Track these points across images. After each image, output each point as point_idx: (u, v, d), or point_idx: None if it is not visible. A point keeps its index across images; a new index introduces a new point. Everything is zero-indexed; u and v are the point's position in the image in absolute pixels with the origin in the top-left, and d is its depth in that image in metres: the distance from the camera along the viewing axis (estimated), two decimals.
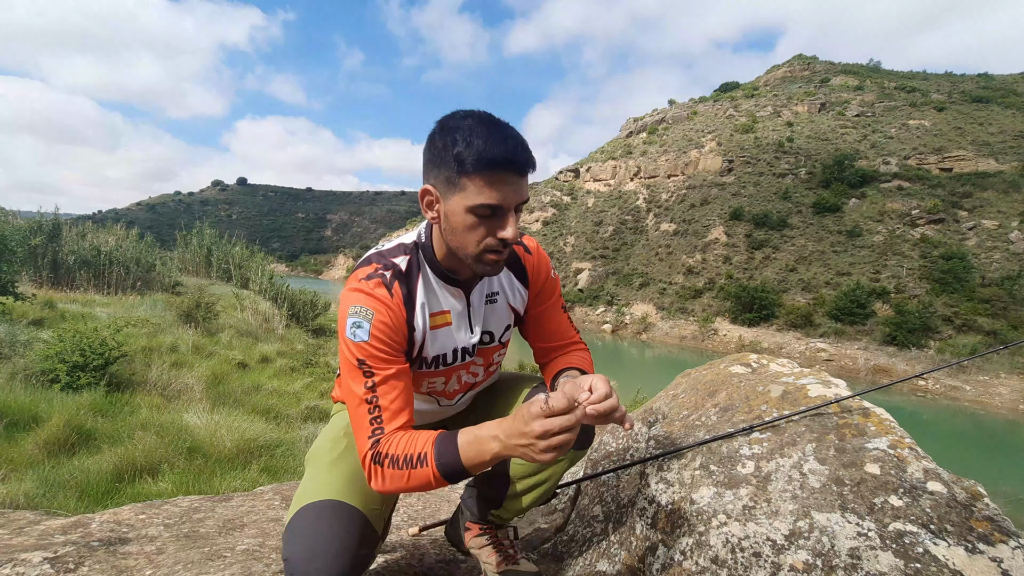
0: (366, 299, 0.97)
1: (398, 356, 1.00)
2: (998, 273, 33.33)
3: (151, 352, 5.28)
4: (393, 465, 0.91)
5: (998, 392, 25.43)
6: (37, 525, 1.78)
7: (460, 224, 0.93)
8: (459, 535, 1.42)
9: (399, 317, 1.00)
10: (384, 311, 0.97)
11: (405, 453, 0.90)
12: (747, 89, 79.57)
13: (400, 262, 1.04)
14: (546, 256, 1.24)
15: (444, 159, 0.90)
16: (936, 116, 54.53)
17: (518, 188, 0.91)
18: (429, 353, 1.09)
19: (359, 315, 0.96)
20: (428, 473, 0.88)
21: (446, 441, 0.89)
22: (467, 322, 1.12)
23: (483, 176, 0.88)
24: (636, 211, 57.49)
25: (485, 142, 0.86)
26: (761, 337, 34.56)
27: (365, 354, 0.96)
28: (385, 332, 0.97)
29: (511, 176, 0.89)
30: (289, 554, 0.95)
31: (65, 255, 8.49)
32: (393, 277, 1.01)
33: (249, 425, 3.72)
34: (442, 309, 1.08)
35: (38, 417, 3.20)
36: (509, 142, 0.88)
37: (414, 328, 1.04)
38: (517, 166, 0.89)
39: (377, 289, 0.99)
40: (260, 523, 1.88)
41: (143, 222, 40.35)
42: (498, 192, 0.89)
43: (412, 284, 1.04)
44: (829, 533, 1.04)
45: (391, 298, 0.99)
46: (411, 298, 1.03)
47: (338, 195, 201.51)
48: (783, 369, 1.59)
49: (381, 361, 0.96)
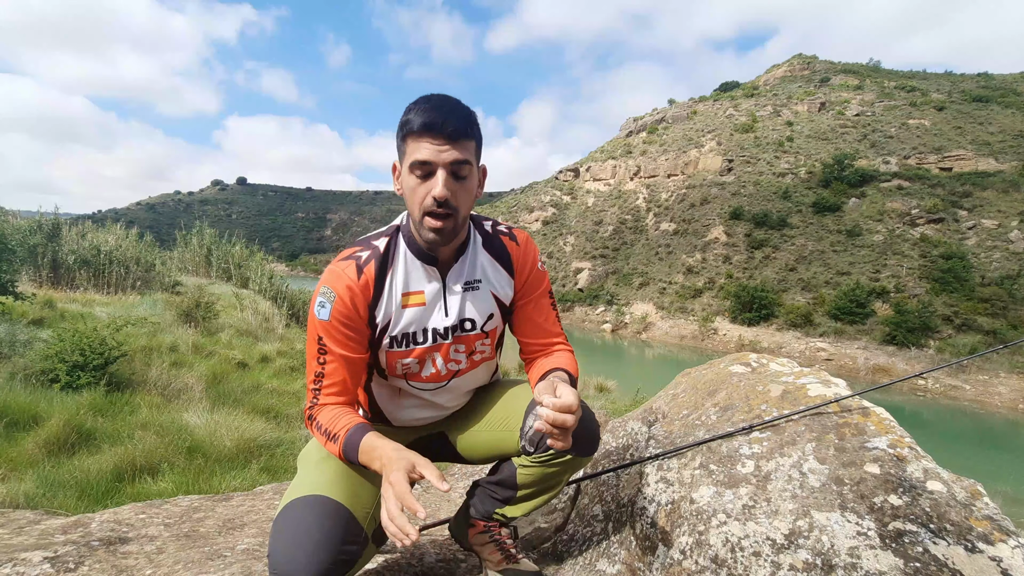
0: (334, 281, 1.09)
1: (353, 342, 1.11)
2: (998, 272, 33.35)
3: (151, 352, 5.27)
4: (318, 430, 1.10)
5: (998, 391, 25.45)
6: (37, 525, 1.78)
7: (407, 187, 1.06)
8: (463, 531, 1.42)
9: (360, 300, 1.10)
10: (347, 294, 1.09)
11: (327, 427, 1.08)
12: (747, 89, 79.58)
13: (380, 244, 1.15)
14: (534, 248, 1.28)
15: (398, 135, 1.07)
16: (936, 116, 54.54)
17: (446, 149, 1.01)
18: (395, 330, 1.14)
19: (324, 295, 1.09)
20: (336, 449, 1.06)
21: (355, 435, 1.04)
22: (443, 304, 1.17)
23: (414, 137, 1.02)
24: (636, 211, 57.50)
25: (418, 111, 1.01)
26: (761, 336, 34.58)
27: (324, 331, 1.09)
28: (344, 314, 1.09)
29: (436, 137, 1.00)
30: (272, 548, 0.95)
31: (65, 254, 8.48)
32: (369, 258, 1.12)
33: (249, 424, 3.71)
34: (416, 289, 1.15)
35: (38, 417, 3.20)
36: (436, 111, 1.01)
37: (377, 306, 1.12)
38: (439, 128, 1.00)
39: (347, 270, 1.10)
40: (260, 523, 1.88)
41: (143, 221, 40.45)
42: (425, 150, 1.01)
43: (388, 263, 1.14)
44: (829, 532, 1.04)
45: (358, 281, 1.10)
46: (382, 277, 1.13)
47: (338, 195, 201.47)
48: (783, 368, 1.59)
49: (335, 342, 1.09)
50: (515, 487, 1.26)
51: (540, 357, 1.27)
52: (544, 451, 1.18)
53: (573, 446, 1.12)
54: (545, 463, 1.20)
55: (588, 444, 1.18)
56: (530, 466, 1.22)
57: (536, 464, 1.21)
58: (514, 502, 1.29)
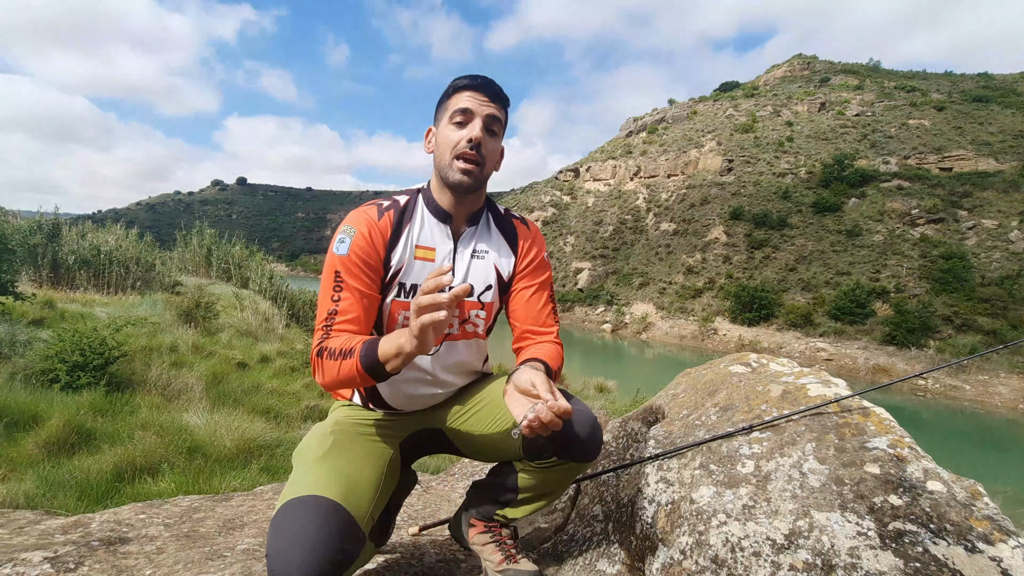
0: (355, 218, 1.16)
1: (370, 277, 1.14)
2: (998, 273, 33.34)
3: (151, 352, 5.27)
4: (330, 356, 1.06)
5: (998, 391, 25.45)
6: (37, 525, 1.78)
7: (443, 137, 1.16)
8: (463, 531, 1.42)
9: (380, 238, 1.15)
10: (367, 229, 1.14)
11: (340, 347, 1.05)
12: (747, 89, 79.58)
13: (401, 199, 1.23)
14: (543, 239, 1.35)
15: (441, 99, 1.19)
16: (936, 116, 54.52)
17: (484, 103, 1.15)
18: (407, 280, 1.19)
19: (345, 231, 1.14)
20: (353, 364, 1.03)
21: (372, 340, 1.04)
22: (451, 264, 1.22)
23: (459, 92, 1.16)
24: (636, 211, 57.49)
25: (468, 77, 1.17)
26: (761, 337, 34.57)
27: (342, 266, 1.12)
28: (363, 248, 1.13)
29: (478, 94, 1.15)
30: (270, 549, 0.95)
31: (65, 255, 8.48)
32: (390, 207, 1.20)
33: (249, 425, 3.71)
34: (429, 245, 1.21)
35: (38, 417, 3.20)
36: (483, 77, 1.16)
37: (393, 250, 1.17)
38: (483, 87, 1.15)
39: (369, 211, 1.18)
40: (260, 523, 1.88)
41: (143, 222, 40.50)
42: (468, 100, 1.14)
43: (406, 216, 1.21)
44: (829, 532, 1.04)
45: (378, 220, 1.16)
46: (400, 225, 1.19)
47: (338, 195, 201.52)
48: (783, 369, 1.59)
49: (352, 276, 1.12)
50: (516, 490, 1.27)
51: (529, 345, 1.28)
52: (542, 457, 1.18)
53: (576, 452, 1.15)
54: (546, 468, 1.21)
55: (590, 449, 1.17)
56: (531, 471, 1.23)
57: (537, 469, 1.22)
58: (514, 504, 1.30)
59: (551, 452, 1.17)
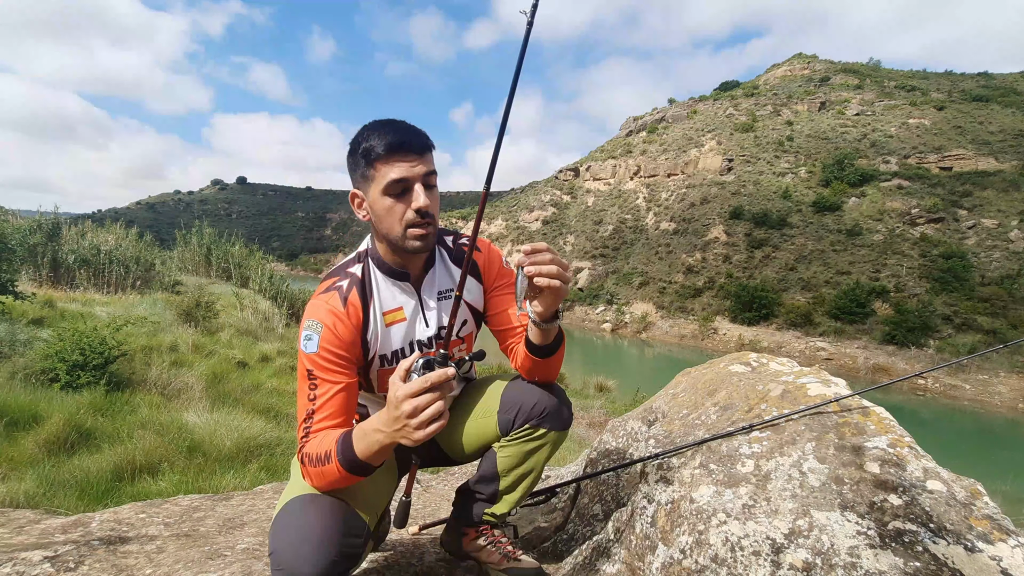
0: (320, 313, 1.10)
1: (344, 369, 1.09)
2: (998, 272, 33.34)
3: (151, 351, 5.27)
4: (311, 463, 1.02)
5: (997, 391, 25.46)
6: (37, 524, 1.78)
7: (382, 209, 1.09)
8: (456, 542, 1.43)
9: (350, 327, 1.11)
10: (333, 324, 1.09)
11: (316, 452, 1.01)
12: (747, 88, 79.57)
13: (355, 270, 1.18)
14: (497, 251, 1.35)
15: (357, 161, 1.09)
16: (936, 115, 54.50)
17: (416, 164, 1.07)
18: (387, 350, 1.19)
19: (310, 328, 1.09)
20: (333, 468, 0.99)
21: (345, 438, 0.99)
22: (421, 316, 1.22)
23: (384, 160, 1.06)
24: (636, 210, 57.47)
25: (380, 135, 1.06)
26: (761, 336, 34.57)
27: (313, 364, 1.07)
28: (333, 343, 1.08)
29: (407, 155, 1.06)
30: (275, 547, 0.95)
31: (65, 254, 8.48)
32: (350, 286, 1.14)
33: (249, 424, 3.71)
34: (395, 307, 1.20)
35: (38, 416, 3.20)
36: (399, 131, 1.07)
37: (367, 329, 1.15)
38: (408, 146, 1.06)
39: (331, 301, 1.12)
40: (260, 522, 1.88)
41: (143, 221, 40.41)
42: (398, 168, 1.06)
43: (367, 287, 1.17)
44: (829, 532, 1.04)
45: (343, 309, 1.11)
46: (366, 301, 1.15)
47: (338, 194, 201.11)
48: (783, 368, 1.59)
49: (326, 371, 1.07)
50: (496, 476, 1.29)
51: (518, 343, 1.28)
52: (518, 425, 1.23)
53: (545, 419, 1.22)
54: (523, 440, 1.25)
55: (562, 416, 1.24)
56: (508, 446, 1.26)
57: (514, 442, 1.26)
58: (499, 497, 1.32)
59: (523, 420, 1.22)
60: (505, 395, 1.26)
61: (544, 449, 1.27)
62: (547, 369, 1.22)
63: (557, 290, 1.02)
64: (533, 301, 1.08)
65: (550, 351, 1.17)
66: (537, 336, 1.14)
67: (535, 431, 1.24)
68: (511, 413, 1.23)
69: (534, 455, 1.27)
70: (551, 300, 1.06)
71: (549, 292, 1.03)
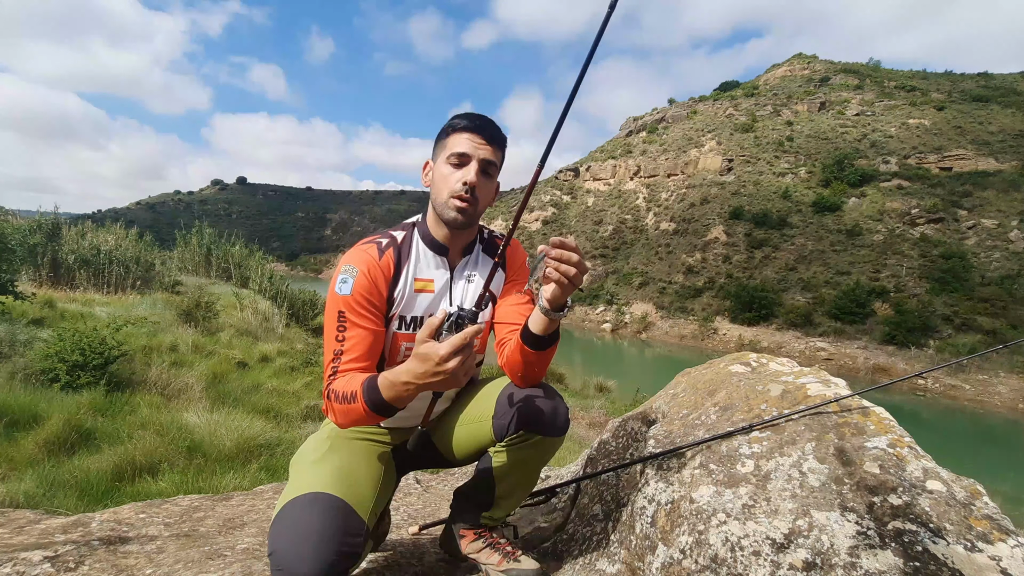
0: (356, 257, 1.18)
1: (373, 315, 1.16)
2: (997, 272, 33.35)
3: (151, 351, 5.27)
4: (338, 400, 1.09)
5: (997, 391, 25.45)
6: (37, 524, 1.78)
7: (440, 175, 1.20)
8: (454, 544, 1.43)
9: (381, 276, 1.18)
10: (368, 269, 1.16)
11: (343, 391, 1.08)
12: (747, 88, 79.57)
13: (398, 235, 1.26)
14: (523, 251, 1.40)
15: (440, 136, 1.23)
16: (936, 115, 54.51)
17: (481, 146, 1.18)
18: (408, 313, 1.23)
19: (346, 272, 1.16)
20: (359, 408, 1.06)
21: (371, 380, 1.06)
22: (448, 293, 1.27)
23: (457, 133, 1.19)
24: (636, 210, 57.49)
25: (466, 117, 1.21)
26: (761, 336, 34.57)
27: (346, 306, 1.14)
28: (365, 287, 1.15)
29: (476, 136, 1.18)
30: (275, 547, 0.95)
31: (65, 254, 8.48)
32: (388, 244, 1.22)
33: (249, 424, 3.71)
34: (427, 277, 1.25)
35: (38, 416, 3.20)
36: (480, 118, 1.20)
37: (396, 287, 1.21)
38: (480, 130, 1.19)
39: (370, 251, 1.19)
40: (260, 522, 1.88)
41: (143, 221, 40.39)
42: (465, 144, 1.18)
43: (404, 251, 1.24)
44: (828, 532, 1.04)
45: (379, 260, 1.19)
46: (400, 262, 1.22)
47: (338, 194, 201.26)
48: (783, 368, 1.59)
49: (356, 315, 1.14)
50: (492, 481, 1.30)
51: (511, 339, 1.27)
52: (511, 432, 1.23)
53: (540, 426, 1.22)
54: (517, 445, 1.24)
55: (557, 423, 1.24)
56: (502, 451, 1.26)
57: (509, 448, 1.25)
58: (495, 501, 1.33)
59: (517, 426, 1.22)
60: (500, 400, 1.25)
61: (539, 455, 1.26)
62: (534, 366, 1.21)
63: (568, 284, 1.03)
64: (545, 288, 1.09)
65: (545, 344, 1.16)
66: (539, 324, 1.13)
67: (530, 437, 1.23)
68: (505, 419, 1.23)
69: (529, 461, 1.27)
70: (563, 291, 1.06)
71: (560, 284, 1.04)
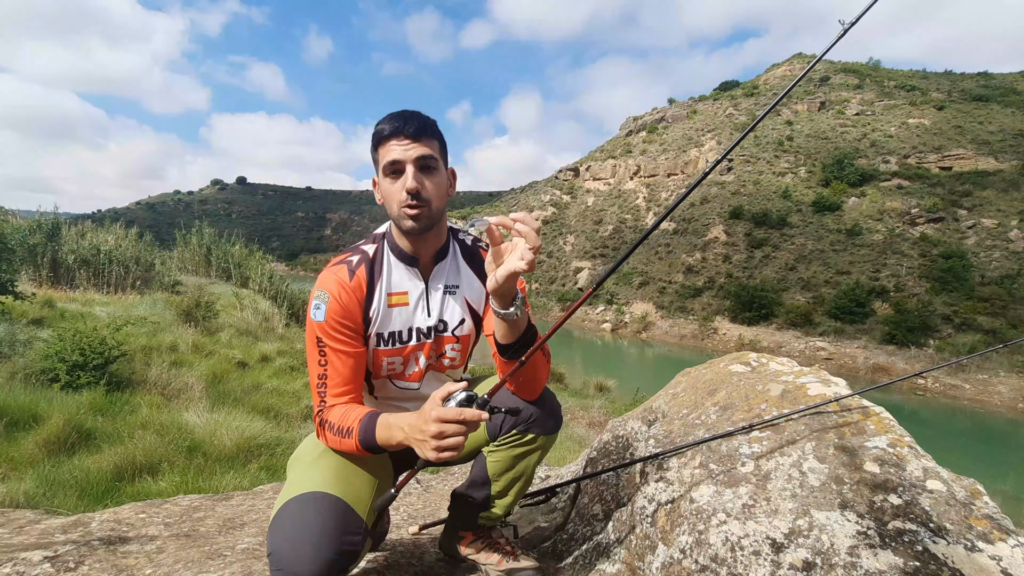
0: (327, 281, 1.16)
1: (350, 338, 1.16)
2: (997, 272, 33.33)
3: (151, 351, 5.27)
4: (332, 431, 1.11)
5: (997, 391, 25.44)
6: (37, 524, 1.78)
7: (385, 191, 1.15)
8: (453, 545, 1.43)
9: (353, 299, 1.16)
10: (340, 294, 1.15)
11: (339, 424, 1.10)
12: (747, 88, 79.49)
13: (368, 249, 1.23)
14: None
15: (372, 150, 1.17)
16: (936, 115, 54.47)
17: (410, 147, 1.12)
18: (385, 329, 1.21)
19: (319, 298, 1.15)
20: (353, 444, 1.08)
21: (369, 421, 1.07)
22: (425, 304, 1.24)
23: (383, 144, 1.13)
24: (636, 210, 57.48)
25: (384, 122, 1.13)
26: (761, 336, 34.55)
27: (321, 331, 1.14)
28: (338, 312, 1.14)
29: (401, 139, 1.11)
30: (274, 547, 0.96)
31: (64, 254, 8.47)
32: (359, 262, 1.19)
33: (249, 424, 3.71)
34: (401, 290, 1.23)
35: (38, 416, 3.19)
36: (398, 118, 1.12)
37: (370, 306, 1.19)
38: (402, 131, 1.11)
39: (340, 273, 1.17)
40: (260, 522, 1.88)
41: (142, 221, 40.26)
42: (393, 151, 1.11)
43: (376, 267, 1.21)
44: (829, 531, 1.04)
45: (350, 281, 1.16)
46: (372, 279, 1.20)
47: (338, 194, 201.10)
48: (783, 368, 1.59)
49: (333, 339, 1.14)
50: (487, 481, 1.30)
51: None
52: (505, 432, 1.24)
53: (533, 424, 1.22)
54: (511, 444, 1.25)
55: (550, 421, 1.24)
56: (497, 450, 1.27)
57: (502, 447, 1.26)
58: (492, 501, 1.33)
59: (512, 424, 1.23)
60: (493, 399, 1.25)
61: (533, 454, 1.27)
62: (524, 379, 1.16)
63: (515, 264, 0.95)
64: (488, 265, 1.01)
65: (517, 350, 1.10)
66: (500, 330, 1.09)
67: (523, 436, 1.24)
68: (498, 418, 1.23)
69: (523, 460, 1.27)
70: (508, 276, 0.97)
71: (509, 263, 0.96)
